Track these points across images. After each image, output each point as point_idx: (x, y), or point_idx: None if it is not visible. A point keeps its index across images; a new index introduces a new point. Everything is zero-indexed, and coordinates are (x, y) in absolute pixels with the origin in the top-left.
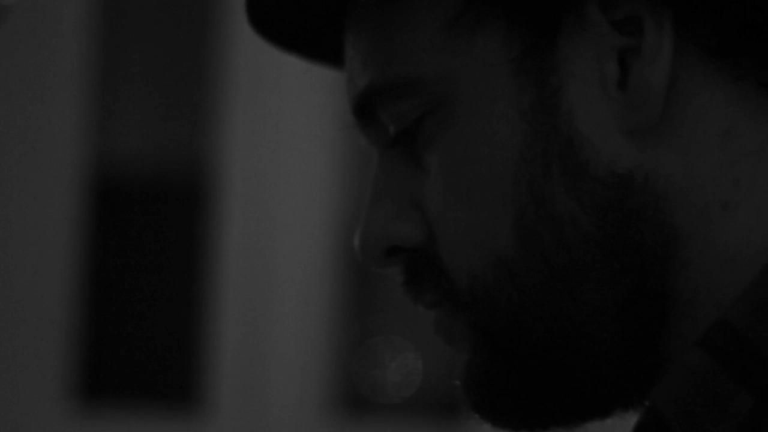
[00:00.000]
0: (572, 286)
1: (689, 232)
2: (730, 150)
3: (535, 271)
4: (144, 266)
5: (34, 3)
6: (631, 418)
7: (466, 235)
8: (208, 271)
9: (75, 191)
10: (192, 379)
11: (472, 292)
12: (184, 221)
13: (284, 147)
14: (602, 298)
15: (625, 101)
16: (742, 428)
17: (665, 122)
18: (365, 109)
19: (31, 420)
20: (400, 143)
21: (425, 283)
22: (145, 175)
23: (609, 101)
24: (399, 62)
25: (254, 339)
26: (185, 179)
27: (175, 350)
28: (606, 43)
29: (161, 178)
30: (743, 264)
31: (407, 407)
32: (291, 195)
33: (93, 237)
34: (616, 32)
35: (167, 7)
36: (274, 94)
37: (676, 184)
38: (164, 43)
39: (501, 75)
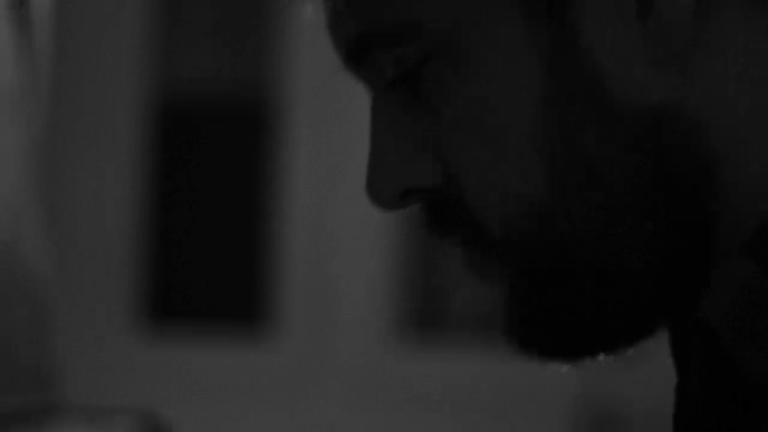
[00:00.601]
0: (612, 225)
1: (724, 154)
2: (751, 65)
3: (573, 215)
4: (211, 188)
5: None
6: None
7: (494, 181)
8: (275, 192)
9: (141, 115)
10: (259, 300)
11: (507, 238)
12: (251, 143)
13: None
14: (645, 233)
15: (651, 30)
16: None
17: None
18: (358, 53)
19: (101, 343)
20: (400, 84)
21: (450, 223)
22: (212, 98)
23: (630, 32)
24: (396, 7)
25: (322, 259)
26: (251, 101)
27: (242, 272)
28: None
29: (227, 100)
30: None
31: (478, 327)
32: (358, 114)
33: (160, 160)
34: None
35: None
36: None
37: (705, 108)
38: None
39: (511, 16)
